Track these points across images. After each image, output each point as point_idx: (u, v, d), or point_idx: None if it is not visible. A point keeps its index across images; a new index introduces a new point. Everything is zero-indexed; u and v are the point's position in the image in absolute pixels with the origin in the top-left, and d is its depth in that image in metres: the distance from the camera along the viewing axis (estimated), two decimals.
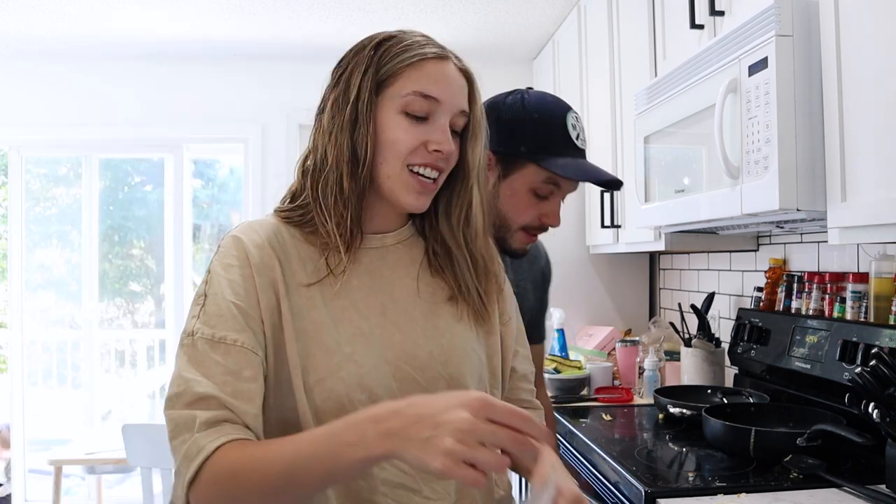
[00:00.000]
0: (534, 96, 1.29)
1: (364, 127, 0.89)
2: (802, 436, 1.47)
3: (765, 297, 2.02)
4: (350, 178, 0.89)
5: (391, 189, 0.92)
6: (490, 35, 3.34)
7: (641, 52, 2.17)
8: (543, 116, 1.26)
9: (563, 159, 1.25)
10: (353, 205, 0.90)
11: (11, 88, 3.56)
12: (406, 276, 0.97)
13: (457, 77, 0.94)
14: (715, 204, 1.54)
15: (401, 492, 0.88)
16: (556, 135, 1.26)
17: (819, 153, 1.29)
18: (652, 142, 1.89)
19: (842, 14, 1.23)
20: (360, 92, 0.90)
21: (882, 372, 1.25)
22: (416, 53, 0.91)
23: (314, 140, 0.94)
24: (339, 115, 0.90)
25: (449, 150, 0.91)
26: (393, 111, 0.90)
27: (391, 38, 0.93)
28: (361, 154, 0.89)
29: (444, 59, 0.93)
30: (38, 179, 3.82)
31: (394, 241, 0.98)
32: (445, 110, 0.92)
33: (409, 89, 0.90)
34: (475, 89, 0.97)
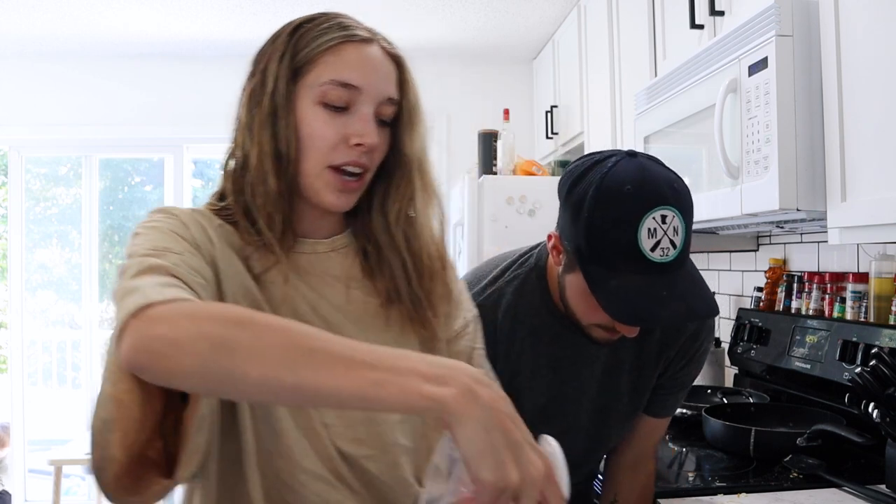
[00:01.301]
0: (613, 181, 0.95)
1: (283, 120, 0.81)
2: (802, 436, 1.47)
3: (765, 297, 2.02)
4: (276, 177, 0.81)
5: (311, 187, 0.83)
6: (490, 35, 3.34)
7: (641, 52, 2.17)
8: (609, 216, 0.95)
9: (619, 279, 0.95)
10: (281, 206, 0.82)
11: (11, 88, 3.56)
12: (336, 284, 0.87)
13: (382, 61, 0.85)
14: (715, 204, 1.54)
15: (320, 484, 0.81)
16: (619, 244, 0.94)
17: (819, 153, 1.29)
18: (652, 142, 1.89)
19: (842, 14, 1.23)
20: (276, 82, 0.81)
21: (882, 372, 1.25)
22: (333, 37, 0.83)
23: (234, 137, 0.85)
24: (258, 109, 0.82)
25: (371, 142, 0.82)
26: (310, 102, 0.81)
27: (310, 20, 0.85)
28: (284, 150, 0.81)
29: (366, 41, 0.85)
30: (38, 179, 3.82)
31: (326, 249, 0.89)
32: (368, 99, 0.83)
33: (325, 77, 0.81)
34: (407, 74, 0.88)
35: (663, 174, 0.98)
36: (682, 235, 0.96)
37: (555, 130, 3.18)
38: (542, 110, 3.36)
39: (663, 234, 0.94)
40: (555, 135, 3.19)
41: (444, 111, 3.73)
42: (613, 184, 0.95)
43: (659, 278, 0.95)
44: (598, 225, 0.95)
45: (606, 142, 2.52)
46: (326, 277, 0.87)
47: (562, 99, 3.16)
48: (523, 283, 1.15)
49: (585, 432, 1.24)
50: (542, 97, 3.52)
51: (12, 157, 3.65)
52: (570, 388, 1.19)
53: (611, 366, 1.18)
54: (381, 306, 0.88)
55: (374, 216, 0.89)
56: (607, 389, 1.20)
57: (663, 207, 0.94)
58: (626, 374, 1.20)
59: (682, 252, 0.96)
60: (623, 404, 1.23)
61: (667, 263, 0.95)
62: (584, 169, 1.00)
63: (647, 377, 1.22)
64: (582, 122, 2.81)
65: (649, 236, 0.93)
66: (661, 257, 0.94)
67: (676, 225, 0.95)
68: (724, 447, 1.59)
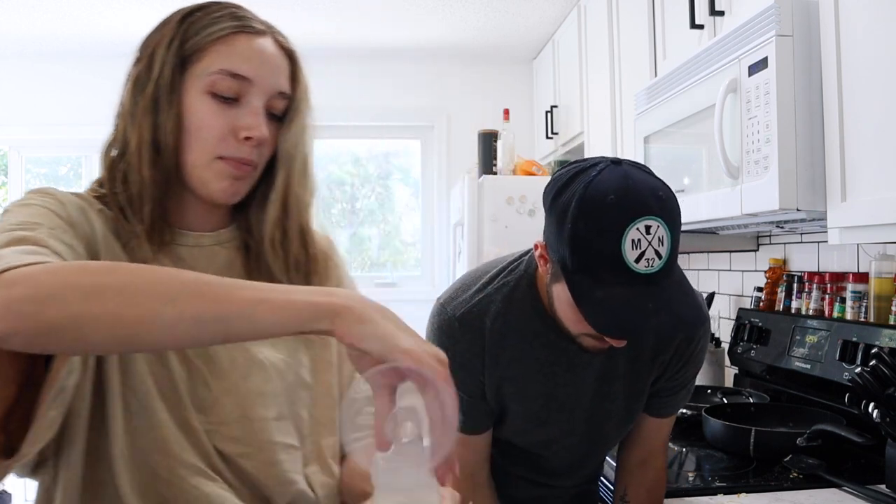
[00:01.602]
0: (597, 191, 0.93)
1: (167, 108, 0.79)
2: (802, 436, 1.47)
3: (765, 297, 2.02)
4: (151, 166, 0.79)
5: (199, 179, 0.81)
6: (490, 35, 3.34)
7: (641, 52, 2.17)
8: (592, 227, 0.93)
9: (604, 290, 0.93)
10: (155, 197, 0.79)
11: (11, 88, 3.56)
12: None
13: (275, 54, 0.84)
14: (715, 204, 1.54)
15: (199, 478, 0.79)
16: (602, 255, 0.93)
17: (819, 153, 1.29)
18: (652, 142, 1.89)
19: (842, 14, 1.23)
20: (162, 69, 0.79)
21: (882, 372, 1.25)
22: (226, 26, 0.81)
23: (115, 124, 0.83)
24: (141, 96, 0.79)
25: (261, 136, 0.81)
26: (198, 91, 0.79)
27: (201, 8, 0.83)
28: (163, 139, 0.79)
29: (259, 33, 0.83)
30: (38, 179, 3.82)
31: (211, 243, 0.87)
32: (259, 91, 0.81)
33: (216, 67, 0.79)
34: (299, 69, 0.87)
35: (648, 183, 0.95)
36: (668, 245, 0.93)
37: (555, 130, 3.18)
38: (542, 110, 3.36)
39: (647, 245, 0.92)
40: (555, 135, 3.19)
41: (444, 111, 3.73)
42: (597, 193, 0.93)
43: (644, 289, 0.93)
44: (581, 236, 0.93)
45: (606, 142, 2.52)
46: (209, 272, 0.84)
47: (562, 99, 3.16)
48: (513, 290, 1.14)
49: (581, 437, 1.24)
50: (542, 97, 3.52)
51: (12, 157, 3.65)
52: (563, 394, 1.18)
53: (605, 372, 1.18)
54: None
55: (255, 211, 0.88)
56: (601, 395, 1.20)
57: (647, 218, 0.91)
58: (621, 380, 1.19)
59: (667, 262, 0.94)
60: (618, 409, 1.22)
61: (652, 274, 0.93)
62: (568, 178, 0.98)
63: (642, 382, 1.21)
64: (582, 122, 2.81)
65: (633, 248, 0.91)
66: (645, 269, 0.92)
67: (661, 235, 0.92)
68: (724, 447, 1.59)
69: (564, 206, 0.95)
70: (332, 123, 3.72)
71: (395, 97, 3.71)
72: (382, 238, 3.89)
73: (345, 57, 3.61)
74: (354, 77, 3.68)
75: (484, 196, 2.76)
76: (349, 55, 3.60)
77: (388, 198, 3.91)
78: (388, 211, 3.91)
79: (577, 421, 1.21)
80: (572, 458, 1.29)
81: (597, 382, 1.18)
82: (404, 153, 3.91)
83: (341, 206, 3.87)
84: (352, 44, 3.44)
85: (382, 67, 3.69)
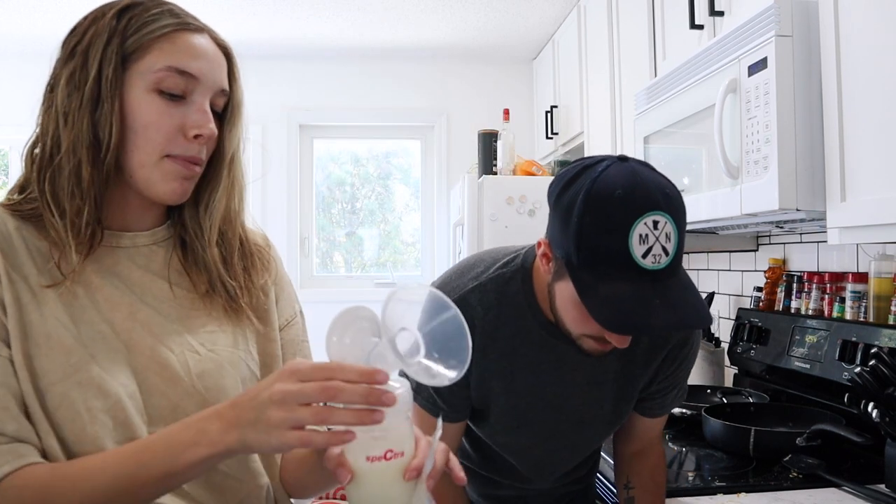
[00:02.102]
0: (604, 185, 0.92)
1: (108, 106, 0.77)
2: (802, 435, 1.48)
3: (764, 297, 2.02)
4: (91, 165, 0.77)
5: (146, 179, 0.80)
6: (490, 35, 3.34)
7: (641, 52, 2.17)
8: (599, 221, 0.92)
9: (610, 286, 0.92)
10: (92, 197, 0.78)
11: (11, 88, 3.56)
12: (159, 277, 0.85)
13: (215, 52, 0.84)
14: (715, 204, 1.54)
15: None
16: (609, 250, 0.91)
17: (819, 153, 1.29)
18: (652, 142, 1.90)
19: (841, 14, 1.23)
20: (101, 66, 0.77)
21: (881, 372, 1.25)
22: (167, 23, 0.80)
23: (43, 123, 0.80)
24: (77, 94, 0.77)
25: (210, 133, 0.82)
26: (142, 89, 0.78)
27: (137, 4, 0.81)
28: (104, 137, 0.77)
29: (200, 31, 0.83)
30: None
31: (147, 242, 0.86)
32: (204, 89, 0.81)
33: (161, 64, 0.78)
34: (234, 66, 0.88)
35: (655, 179, 0.95)
36: (675, 242, 0.92)
37: (555, 130, 3.18)
38: (542, 110, 3.36)
39: (655, 241, 0.91)
40: (555, 135, 3.19)
41: (444, 111, 3.74)
42: (604, 189, 0.92)
43: (651, 286, 0.91)
44: (588, 231, 0.92)
45: (606, 142, 2.53)
46: (147, 274, 0.84)
47: (562, 99, 3.16)
48: (507, 284, 1.13)
49: (566, 439, 1.23)
50: (542, 97, 3.52)
51: (12, 157, 3.65)
52: (550, 395, 1.17)
53: (595, 374, 1.17)
54: (203, 300, 0.87)
55: (188, 207, 0.88)
56: (589, 398, 1.19)
57: (655, 213, 0.91)
58: (610, 384, 1.18)
59: (674, 259, 0.93)
60: (605, 414, 1.21)
61: (659, 270, 0.91)
62: (573, 174, 0.97)
63: (632, 386, 1.20)
64: (582, 122, 2.81)
65: (640, 242, 0.90)
66: (653, 264, 0.91)
67: (669, 231, 0.91)
68: (723, 447, 1.59)
69: (570, 202, 0.94)
70: (332, 123, 3.72)
71: (395, 97, 3.71)
72: (382, 238, 3.90)
73: (345, 57, 3.61)
74: (354, 77, 3.68)
75: (484, 196, 2.76)
76: (349, 55, 3.60)
77: (388, 198, 3.92)
78: (388, 211, 3.91)
79: (563, 423, 1.21)
80: (560, 459, 1.28)
81: (586, 385, 1.17)
82: (404, 153, 3.91)
83: (341, 206, 3.88)
84: (352, 44, 3.44)
85: (382, 67, 3.70)
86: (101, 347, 0.76)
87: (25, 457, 0.70)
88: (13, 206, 0.80)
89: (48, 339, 0.74)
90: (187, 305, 0.85)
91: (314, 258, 3.79)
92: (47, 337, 0.74)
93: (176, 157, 0.80)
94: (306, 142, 3.74)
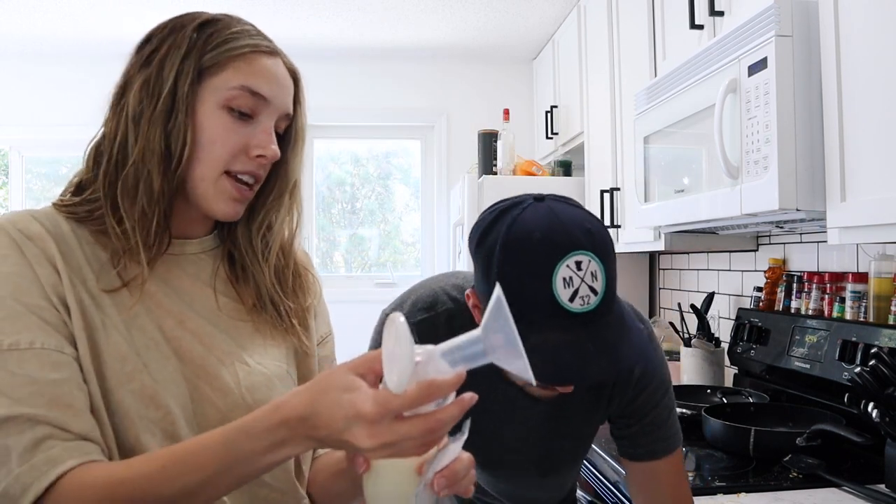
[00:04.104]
0: (521, 230, 0.87)
1: (182, 118, 0.77)
2: (802, 435, 1.48)
3: (764, 297, 2.02)
4: (161, 176, 0.77)
5: (204, 194, 0.81)
6: (490, 35, 3.34)
7: (641, 52, 2.17)
8: (520, 269, 0.86)
9: (539, 335, 0.84)
10: (161, 207, 0.78)
11: (11, 88, 3.57)
12: (205, 289, 0.85)
13: (285, 76, 0.85)
14: (715, 204, 1.54)
15: None
16: (534, 297, 0.85)
17: (819, 153, 1.29)
18: (652, 142, 1.90)
19: (841, 14, 1.23)
20: (178, 78, 0.78)
21: (881, 372, 1.25)
22: (246, 44, 0.81)
23: (112, 125, 0.80)
24: (151, 102, 0.77)
25: (273, 155, 0.82)
26: (213, 104, 0.79)
27: (217, 21, 0.82)
28: (176, 149, 0.78)
29: (275, 54, 0.84)
30: (38, 179, 3.82)
31: (196, 251, 0.87)
32: (272, 111, 0.83)
33: (236, 82, 0.79)
34: (301, 91, 0.89)
35: (575, 216, 0.89)
36: (603, 280, 0.86)
37: (555, 130, 3.18)
38: (542, 110, 3.36)
39: (581, 282, 0.85)
40: (555, 135, 3.19)
41: (444, 111, 3.74)
42: (521, 233, 0.87)
43: (583, 331, 0.86)
44: (509, 279, 0.85)
45: (606, 142, 2.53)
46: (196, 283, 0.85)
47: (562, 99, 3.16)
48: (454, 319, 1.07)
49: (536, 477, 1.20)
50: (542, 97, 3.52)
51: (12, 157, 3.65)
52: (509, 436, 1.13)
53: (550, 411, 1.11)
54: (251, 315, 0.87)
55: (241, 224, 0.89)
56: (550, 434, 1.14)
57: (577, 253, 0.85)
58: (571, 419, 1.13)
59: (604, 298, 0.87)
60: (569, 449, 1.18)
61: (589, 312, 0.86)
62: (491, 220, 0.92)
63: (595, 420, 1.16)
64: (582, 122, 2.81)
65: (566, 286, 0.84)
66: (581, 307, 0.85)
67: (594, 269, 0.85)
68: (723, 447, 1.59)
69: (489, 250, 0.89)
70: (332, 123, 3.72)
71: (395, 97, 3.71)
72: (382, 238, 3.89)
73: (345, 57, 3.61)
74: (354, 77, 3.68)
75: (484, 196, 2.76)
76: (349, 55, 3.60)
77: (388, 198, 3.92)
78: (388, 211, 3.91)
79: (528, 462, 1.17)
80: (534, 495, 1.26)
81: (544, 422, 1.12)
82: (404, 153, 3.91)
83: (341, 206, 3.88)
84: (352, 44, 3.44)
85: (382, 67, 3.70)
86: (154, 355, 0.77)
87: (90, 454, 0.69)
88: (68, 207, 0.80)
89: (107, 344, 0.74)
90: (234, 317, 0.86)
91: (314, 258, 3.78)
92: (106, 341, 0.74)
93: (234, 177, 0.81)
94: (306, 141, 3.73)
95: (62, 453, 0.67)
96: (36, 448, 0.66)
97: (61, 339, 0.72)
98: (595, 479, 1.70)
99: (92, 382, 0.73)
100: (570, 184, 2.86)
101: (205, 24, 0.81)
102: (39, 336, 0.71)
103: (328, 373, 0.64)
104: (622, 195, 2.40)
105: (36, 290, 0.72)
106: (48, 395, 0.69)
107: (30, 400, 0.68)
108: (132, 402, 0.74)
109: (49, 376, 0.70)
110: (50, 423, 0.68)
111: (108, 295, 0.76)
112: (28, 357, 0.69)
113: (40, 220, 0.77)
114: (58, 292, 0.73)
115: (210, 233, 0.90)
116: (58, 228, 0.77)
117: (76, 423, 0.69)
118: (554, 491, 1.30)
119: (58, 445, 0.67)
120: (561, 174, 3.06)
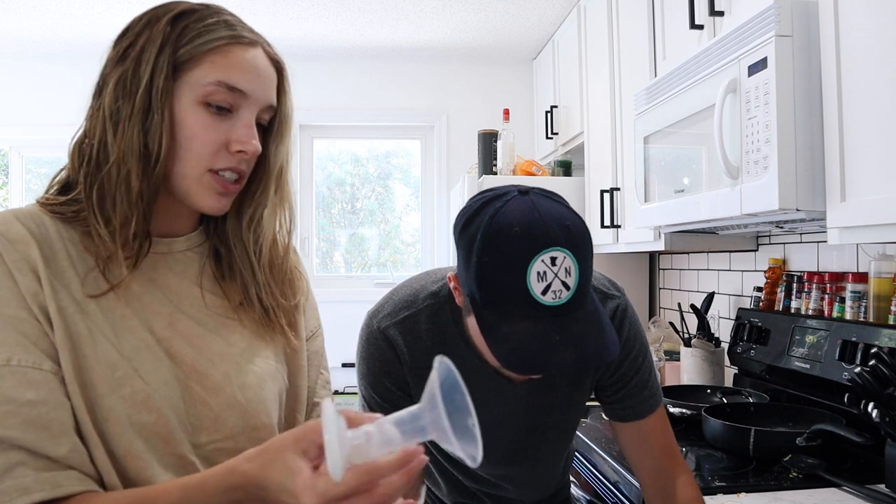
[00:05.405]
0: (502, 223, 0.91)
1: (158, 117, 0.75)
2: (802, 435, 1.48)
3: (764, 297, 2.02)
4: (141, 175, 0.75)
5: (188, 190, 0.79)
6: (490, 35, 3.34)
7: (641, 52, 2.17)
8: (497, 261, 0.90)
9: (511, 325, 0.91)
10: (141, 208, 0.76)
11: (11, 88, 3.57)
12: (192, 287, 0.84)
13: (267, 67, 0.83)
14: (715, 204, 1.54)
15: None
16: (508, 288, 0.89)
17: (819, 153, 1.29)
18: (652, 142, 1.90)
19: (841, 14, 1.23)
20: (153, 75, 0.75)
21: (881, 372, 1.25)
22: (222, 36, 0.78)
23: (90, 124, 0.79)
24: (128, 100, 0.75)
25: (254, 150, 0.80)
26: (191, 101, 0.77)
27: (192, 12, 0.79)
28: (154, 148, 0.75)
29: (254, 45, 0.81)
30: (39, 179, 3.81)
31: (183, 248, 0.85)
32: (252, 104, 0.80)
33: (211, 77, 0.77)
34: (285, 81, 0.86)
35: (555, 213, 0.92)
36: (576, 276, 0.90)
37: (555, 130, 3.18)
38: (542, 110, 3.36)
39: (554, 277, 0.89)
40: (555, 135, 3.19)
41: (444, 111, 3.74)
42: (502, 226, 0.90)
43: (552, 323, 0.90)
44: (487, 270, 0.90)
45: (606, 142, 2.53)
46: (183, 281, 0.84)
47: (562, 99, 3.16)
48: (437, 313, 1.11)
49: (525, 453, 1.22)
50: (542, 97, 3.52)
51: (12, 157, 3.65)
52: (497, 415, 1.15)
53: (538, 384, 1.14)
54: (238, 311, 0.86)
55: (229, 220, 0.87)
56: (537, 406, 1.17)
57: (552, 249, 0.89)
58: (557, 389, 1.16)
59: (576, 293, 0.90)
60: (556, 418, 1.19)
61: (560, 306, 0.90)
62: (475, 209, 0.95)
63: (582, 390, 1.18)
64: (582, 122, 2.81)
65: (539, 280, 0.88)
66: (553, 300, 0.89)
67: (569, 266, 0.89)
68: (723, 447, 1.59)
69: (471, 240, 0.93)
70: (332, 123, 3.72)
71: (395, 97, 3.71)
72: (382, 238, 3.90)
73: (345, 57, 3.61)
74: (354, 77, 3.68)
75: None
76: (349, 55, 3.60)
77: (388, 198, 3.92)
78: (388, 211, 3.91)
79: (517, 438, 1.19)
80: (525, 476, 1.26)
81: (530, 396, 1.15)
82: (404, 153, 3.91)
83: (341, 206, 3.88)
84: (352, 44, 3.44)
85: (382, 67, 3.70)
86: (145, 358, 0.75)
87: (62, 486, 0.67)
88: (54, 207, 0.78)
89: (94, 352, 0.73)
90: (221, 314, 0.85)
91: (314, 258, 3.79)
92: (93, 349, 0.73)
93: (217, 174, 0.79)
94: (306, 142, 3.74)
95: (32, 484, 0.66)
96: (7, 474, 0.65)
97: (40, 354, 0.70)
98: (595, 479, 1.70)
99: (75, 395, 0.71)
100: (570, 184, 2.86)
101: (179, 17, 0.78)
102: (17, 352, 0.69)
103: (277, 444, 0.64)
104: (622, 195, 2.40)
105: (15, 301, 0.70)
106: (23, 416, 0.67)
107: (3, 420, 0.66)
108: (124, 408, 0.73)
109: (25, 395, 0.68)
110: (24, 447, 0.67)
111: (94, 300, 0.75)
112: (4, 375, 0.68)
113: (23, 220, 0.75)
114: (38, 301, 0.71)
115: (196, 228, 0.88)
116: (42, 229, 0.76)
117: (52, 447, 0.68)
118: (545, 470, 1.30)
119: (30, 475, 0.66)
120: (561, 174, 3.06)
